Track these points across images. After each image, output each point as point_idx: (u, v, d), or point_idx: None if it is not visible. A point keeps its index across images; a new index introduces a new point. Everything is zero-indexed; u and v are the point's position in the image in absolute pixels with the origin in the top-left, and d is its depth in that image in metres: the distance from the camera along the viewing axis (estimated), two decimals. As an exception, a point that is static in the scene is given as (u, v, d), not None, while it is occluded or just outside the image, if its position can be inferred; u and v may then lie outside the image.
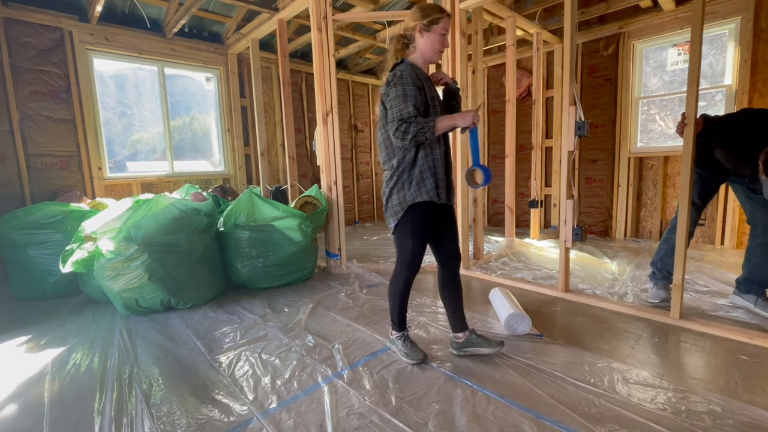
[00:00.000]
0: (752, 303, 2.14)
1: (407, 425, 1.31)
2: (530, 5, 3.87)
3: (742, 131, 1.99)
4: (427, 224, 1.66)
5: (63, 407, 1.49)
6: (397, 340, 1.79)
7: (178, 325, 2.26)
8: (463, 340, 1.77)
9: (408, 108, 1.51)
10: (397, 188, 1.63)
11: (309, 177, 5.37)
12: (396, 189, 1.63)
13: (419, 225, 1.63)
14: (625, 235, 4.19)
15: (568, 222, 2.40)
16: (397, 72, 1.55)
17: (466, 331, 1.79)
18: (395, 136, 1.53)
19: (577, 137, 2.31)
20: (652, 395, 1.44)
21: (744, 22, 3.34)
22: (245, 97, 4.74)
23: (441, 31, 1.60)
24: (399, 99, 1.51)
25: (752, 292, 2.15)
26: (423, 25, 1.58)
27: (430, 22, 1.58)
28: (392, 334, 1.83)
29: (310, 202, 3.21)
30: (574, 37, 2.28)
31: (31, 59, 3.35)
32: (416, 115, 1.52)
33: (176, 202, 2.50)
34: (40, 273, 2.69)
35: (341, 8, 3.94)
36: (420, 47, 1.62)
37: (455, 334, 1.80)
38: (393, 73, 1.56)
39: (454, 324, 1.80)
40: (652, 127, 4.06)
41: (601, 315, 2.21)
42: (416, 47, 1.63)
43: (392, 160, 1.63)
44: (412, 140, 1.51)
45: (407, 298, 1.77)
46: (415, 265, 1.70)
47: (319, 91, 3.08)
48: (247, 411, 1.43)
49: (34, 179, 3.39)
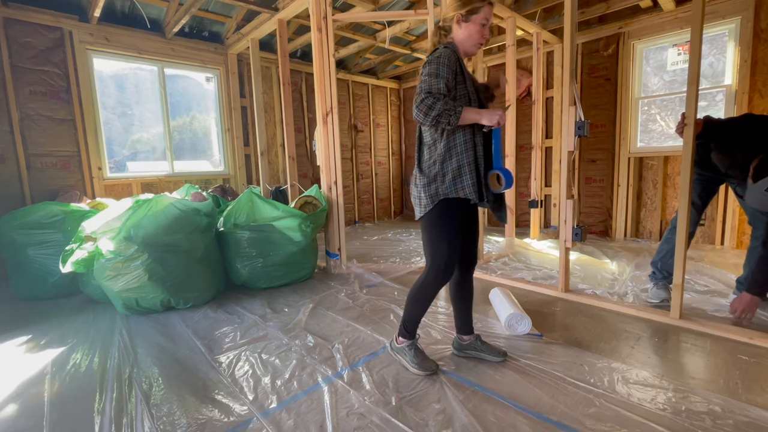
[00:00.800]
0: None
1: (407, 425, 1.31)
2: (530, 5, 3.87)
3: (740, 136, 1.99)
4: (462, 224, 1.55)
5: (63, 407, 1.49)
6: (407, 349, 1.66)
7: (178, 325, 2.26)
8: (467, 343, 1.76)
9: (439, 84, 1.40)
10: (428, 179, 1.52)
11: (309, 177, 5.37)
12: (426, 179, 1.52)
13: (452, 225, 1.52)
14: (625, 235, 4.19)
15: (568, 222, 2.40)
16: (437, 53, 1.45)
17: (473, 335, 1.77)
18: (418, 109, 1.39)
19: (577, 137, 2.31)
20: (652, 395, 1.44)
21: (744, 22, 3.34)
22: (245, 97, 4.74)
23: (481, 21, 1.47)
24: (432, 76, 1.41)
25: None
26: (461, 15, 1.47)
27: (470, 12, 1.46)
28: (399, 342, 1.69)
29: (310, 202, 3.21)
30: (574, 37, 2.28)
31: (31, 59, 3.35)
32: (445, 95, 1.41)
33: (176, 202, 2.50)
34: (40, 273, 2.69)
35: (341, 8, 3.94)
36: (457, 38, 1.51)
37: (461, 336, 1.78)
38: (433, 55, 1.45)
39: (462, 326, 1.77)
40: (653, 126, 4.07)
41: (601, 315, 2.21)
42: (453, 38, 1.51)
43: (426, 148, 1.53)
44: (435, 120, 1.39)
45: (429, 307, 1.65)
46: (452, 269, 1.57)
47: (319, 91, 3.07)
48: (247, 411, 1.43)
49: (34, 179, 3.39)
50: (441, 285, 1.59)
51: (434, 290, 1.60)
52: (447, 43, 1.52)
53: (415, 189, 1.57)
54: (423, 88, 1.41)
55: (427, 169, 1.54)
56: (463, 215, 1.55)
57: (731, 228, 3.55)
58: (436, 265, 1.55)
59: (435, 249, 1.55)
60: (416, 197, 1.57)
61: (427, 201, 1.52)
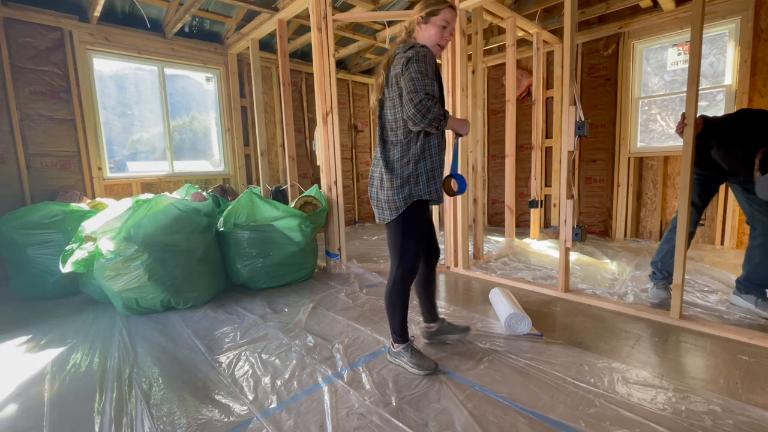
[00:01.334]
0: (752, 303, 2.14)
1: (407, 425, 1.31)
2: (530, 5, 3.87)
3: (738, 132, 2.00)
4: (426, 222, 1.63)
5: (63, 407, 1.49)
6: (404, 351, 1.66)
7: (178, 325, 2.26)
8: (435, 329, 1.89)
9: (433, 86, 1.39)
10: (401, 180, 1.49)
11: (309, 177, 5.37)
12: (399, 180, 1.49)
13: (421, 226, 1.57)
14: (625, 235, 4.19)
15: (568, 222, 2.40)
16: (421, 51, 1.41)
17: (438, 321, 1.90)
18: (417, 109, 1.36)
19: (577, 137, 2.31)
20: (652, 395, 1.44)
21: (744, 22, 3.34)
22: (245, 97, 4.74)
23: (440, 23, 1.49)
24: (424, 75, 1.38)
25: (752, 293, 2.15)
26: (421, 17, 1.50)
27: (429, 14, 1.49)
28: (395, 347, 1.69)
29: (310, 202, 3.21)
30: (574, 37, 2.27)
31: (31, 59, 3.35)
32: (435, 98, 1.39)
33: (176, 202, 2.50)
34: (40, 273, 2.69)
35: (341, 8, 3.94)
36: (421, 37, 1.52)
37: (429, 324, 1.90)
38: (415, 51, 1.41)
39: (429, 315, 1.88)
40: (654, 126, 4.06)
41: (601, 315, 2.21)
42: (417, 37, 1.54)
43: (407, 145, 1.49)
44: (430, 122, 1.38)
45: (408, 305, 1.66)
46: (417, 268, 1.62)
47: (319, 91, 3.07)
48: (247, 411, 1.43)
49: (34, 179, 3.39)
50: (410, 284, 1.62)
51: (406, 290, 1.62)
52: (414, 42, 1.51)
53: (383, 192, 1.51)
54: (419, 88, 1.37)
55: (399, 169, 1.49)
56: (427, 214, 1.61)
57: (731, 228, 3.55)
58: (403, 266, 1.58)
59: (404, 250, 1.56)
60: (385, 200, 1.52)
61: (401, 203, 1.50)
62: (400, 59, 1.43)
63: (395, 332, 1.68)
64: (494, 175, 5.31)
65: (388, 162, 1.51)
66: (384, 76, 1.51)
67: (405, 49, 1.45)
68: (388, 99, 1.50)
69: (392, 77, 1.47)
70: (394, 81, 1.46)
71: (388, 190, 1.50)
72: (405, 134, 1.48)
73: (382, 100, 1.53)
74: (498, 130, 5.13)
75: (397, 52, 1.49)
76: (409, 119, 1.40)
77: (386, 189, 1.51)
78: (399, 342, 1.68)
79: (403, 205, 1.51)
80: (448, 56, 2.97)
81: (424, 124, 1.39)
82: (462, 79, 2.96)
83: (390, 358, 1.73)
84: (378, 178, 1.55)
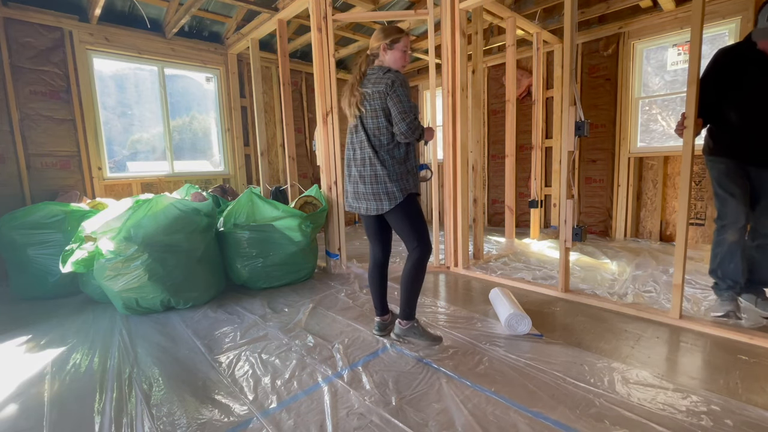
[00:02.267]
0: (752, 303, 2.14)
1: (407, 425, 1.31)
2: (530, 5, 3.87)
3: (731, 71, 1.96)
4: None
5: (63, 407, 1.49)
6: (415, 326, 1.88)
7: (178, 325, 2.26)
8: (389, 321, 2.01)
9: (416, 107, 1.74)
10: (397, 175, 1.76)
11: (309, 177, 5.37)
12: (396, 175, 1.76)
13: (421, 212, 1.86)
14: (625, 235, 4.19)
15: (568, 222, 2.40)
16: (399, 76, 1.73)
17: (390, 314, 2.03)
18: (409, 128, 1.70)
19: (577, 137, 2.31)
20: (652, 395, 1.44)
21: (744, 22, 3.33)
22: (245, 97, 4.74)
23: (402, 48, 1.81)
24: (408, 98, 1.72)
25: (752, 292, 2.15)
26: (386, 44, 1.80)
27: (392, 41, 1.79)
28: (404, 324, 1.88)
29: (310, 202, 3.21)
30: (574, 37, 2.27)
31: (31, 59, 3.35)
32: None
33: (176, 202, 2.50)
34: (40, 273, 2.69)
35: (341, 8, 3.94)
36: (387, 61, 1.82)
37: (383, 317, 2.01)
38: (395, 75, 1.73)
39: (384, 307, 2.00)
40: (654, 126, 4.06)
41: (601, 315, 2.21)
42: (383, 61, 1.82)
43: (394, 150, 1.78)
44: (417, 137, 1.75)
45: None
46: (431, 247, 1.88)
47: (319, 91, 3.08)
48: (247, 411, 1.43)
49: (34, 179, 3.39)
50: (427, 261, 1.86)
51: (426, 264, 1.86)
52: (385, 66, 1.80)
53: (381, 186, 1.77)
54: (408, 110, 1.70)
55: (392, 167, 1.77)
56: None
57: (731, 228, 3.54)
58: (424, 242, 1.82)
59: (421, 230, 1.82)
60: (384, 192, 1.76)
61: (399, 194, 1.76)
62: (380, 79, 1.73)
63: (410, 308, 1.87)
64: (494, 175, 5.31)
65: (383, 161, 1.76)
66: (360, 93, 1.78)
67: (383, 72, 1.75)
68: (369, 110, 1.76)
69: (372, 93, 1.74)
70: (375, 96, 1.73)
71: (387, 183, 1.75)
72: (388, 140, 1.77)
73: (361, 112, 1.78)
74: (498, 130, 5.13)
75: (371, 71, 1.80)
76: (402, 134, 1.72)
77: (384, 183, 1.76)
78: (409, 319, 1.88)
79: (401, 196, 1.76)
80: (448, 56, 2.97)
81: (413, 138, 1.75)
82: (462, 79, 2.96)
83: (397, 336, 1.93)
84: (371, 175, 1.78)
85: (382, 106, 1.73)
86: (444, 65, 3.02)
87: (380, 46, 1.81)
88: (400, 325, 1.90)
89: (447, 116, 3.04)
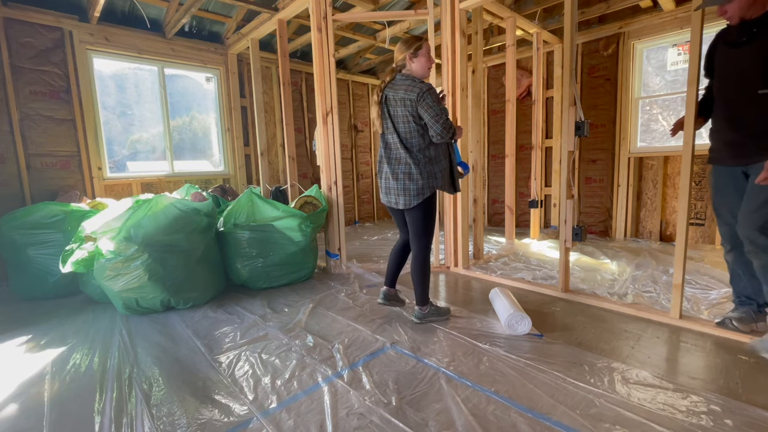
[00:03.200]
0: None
1: (407, 425, 1.31)
2: (530, 5, 3.87)
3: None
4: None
5: (63, 407, 1.49)
6: (433, 310, 2.15)
7: (178, 325, 2.26)
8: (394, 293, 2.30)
9: (446, 111, 1.94)
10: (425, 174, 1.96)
11: (309, 177, 5.37)
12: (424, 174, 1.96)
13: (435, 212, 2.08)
14: (625, 235, 4.19)
15: (568, 222, 2.40)
16: (426, 85, 1.91)
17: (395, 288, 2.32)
18: (444, 128, 1.90)
19: (577, 137, 2.31)
20: (652, 395, 1.44)
21: (744, 22, 3.33)
22: (245, 97, 4.73)
23: (426, 53, 1.98)
24: (438, 103, 1.91)
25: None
26: (411, 53, 1.97)
27: (416, 50, 1.96)
28: (423, 310, 2.13)
29: (310, 202, 3.21)
30: (574, 37, 2.28)
31: (31, 59, 3.35)
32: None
33: (176, 202, 2.50)
34: (40, 273, 2.69)
35: (341, 8, 3.93)
36: (413, 70, 2.00)
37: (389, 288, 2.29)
38: (423, 85, 1.91)
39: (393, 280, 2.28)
40: (655, 126, 4.06)
41: (601, 315, 2.21)
42: (411, 70, 2.00)
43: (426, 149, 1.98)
44: (450, 136, 1.95)
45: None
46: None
47: (319, 91, 3.07)
48: (247, 411, 1.43)
49: (34, 179, 3.39)
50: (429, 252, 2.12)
51: (429, 257, 2.12)
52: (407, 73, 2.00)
53: (412, 182, 1.96)
54: (440, 113, 1.89)
55: (423, 167, 1.97)
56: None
57: (731, 228, 3.54)
58: (428, 240, 2.07)
59: (430, 228, 2.06)
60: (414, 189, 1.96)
61: (427, 191, 1.97)
62: (412, 87, 1.90)
63: (425, 296, 2.13)
64: (494, 175, 5.31)
65: (416, 161, 1.96)
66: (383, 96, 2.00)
67: (412, 81, 1.93)
68: (400, 116, 1.95)
69: (399, 99, 1.93)
70: (407, 102, 1.91)
71: (418, 181, 1.96)
72: (419, 143, 1.96)
73: (393, 116, 1.98)
74: (498, 130, 5.13)
75: (401, 79, 1.97)
76: (437, 135, 1.92)
77: (416, 180, 1.96)
78: (426, 304, 2.14)
79: (428, 193, 1.97)
80: (448, 56, 2.97)
81: (447, 138, 1.94)
82: (462, 79, 2.96)
83: (418, 321, 2.14)
84: (405, 173, 1.98)
85: (412, 112, 1.92)
86: (444, 65, 3.02)
87: (405, 56, 1.97)
88: (421, 310, 2.14)
89: (447, 116, 3.04)
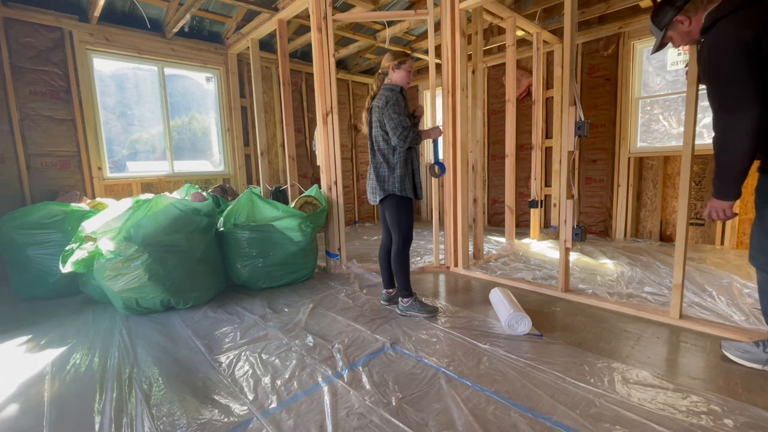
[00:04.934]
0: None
1: (407, 425, 1.31)
2: (530, 5, 3.86)
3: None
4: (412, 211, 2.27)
5: (63, 407, 1.49)
6: (414, 303, 2.25)
7: (178, 325, 2.26)
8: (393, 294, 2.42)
9: (406, 121, 2.10)
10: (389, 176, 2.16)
11: (309, 177, 5.37)
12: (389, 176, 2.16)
13: (410, 210, 2.24)
14: (625, 235, 4.19)
15: (568, 222, 2.40)
16: (393, 96, 2.10)
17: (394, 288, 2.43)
18: (399, 139, 2.07)
19: (577, 137, 2.31)
20: (652, 395, 1.44)
21: (744, 22, 3.33)
22: (245, 97, 4.73)
23: (407, 69, 2.18)
24: (399, 114, 2.07)
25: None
26: (395, 65, 2.17)
27: (400, 63, 2.17)
28: (405, 302, 2.25)
29: (310, 202, 3.21)
30: (574, 37, 2.27)
31: (31, 59, 3.35)
32: (409, 127, 2.10)
33: (176, 202, 2.50)
34: (40, 273, 2.69)
35: (341, 8, 3.94)
36: (394, 79, 2.20)
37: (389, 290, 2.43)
38: (390, 93, 2.10)
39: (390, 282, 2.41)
40: (656, 126, 4.06)
41: (601, 315, 2.21)
42: (392, 79, 2.20)
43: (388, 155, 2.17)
44: (409, 145, 2.11)
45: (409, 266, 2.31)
46: (411, 237, 2.26)
47: (319, 91, 3.07)
48: (247, 411, 1.43)
49: (34, 179, 3.39)
50: (409, 246, 2.26)
51: (408, 253, 2.25)
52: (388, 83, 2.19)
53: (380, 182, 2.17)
54: (399, 124, 2.06)
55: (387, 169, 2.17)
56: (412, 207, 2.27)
57: (731, 228, 3.55)
58: (404, 235, 2.22)
59: (403, 222, 2.21)
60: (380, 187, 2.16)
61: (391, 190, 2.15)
62: (381, 97, 2.13)
63: (405, 288, 2.26)
64: (494, 175, 5.31)
65: (383, 163, 2.18)
66: (368, 110, 2.23)
67: (386, 90, 2.14)
68: (374, 122, 2.17)
69: (375, 107, 2.16)
70: (377, 110, 2.14)
71: (384, 181, 2.17)
72: (385, 147, 2.17)
73: (371, 121, 2.20)
74: (498, 130, 5.13)
75: (382, 87, 2.18)
76: (396, 144, 2.11)
77: (382, 181, 2.17)
78: (408, 296, 2.26)
79: (392, 191, 2.15)
80: (448, 56, 2.97)
81: (406, 146, 2.11)
82: (462, 79, 2.96)
83: (401, 312, 2.27)
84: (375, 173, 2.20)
85: (380, 119, 2.13)
86: (444, 65, 3.02)
87: (390, 66, 2.17)
88: (403, 302, 2.26)
89: (447, 116, 3.04)
